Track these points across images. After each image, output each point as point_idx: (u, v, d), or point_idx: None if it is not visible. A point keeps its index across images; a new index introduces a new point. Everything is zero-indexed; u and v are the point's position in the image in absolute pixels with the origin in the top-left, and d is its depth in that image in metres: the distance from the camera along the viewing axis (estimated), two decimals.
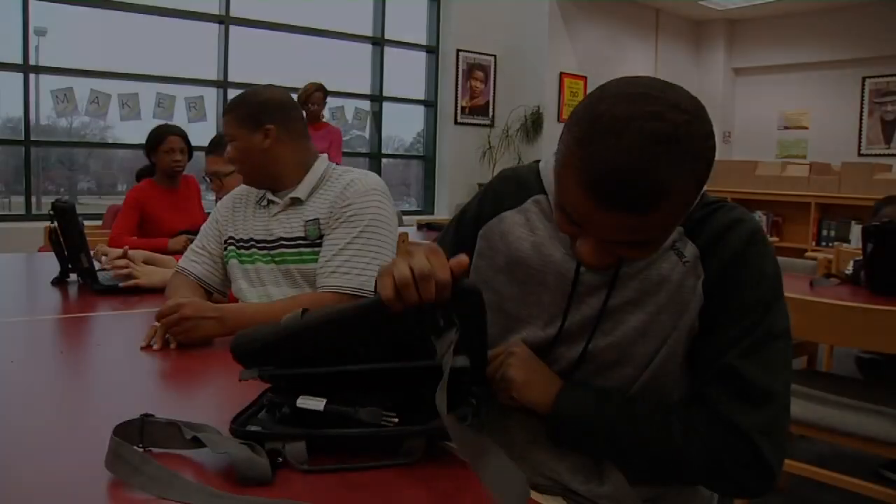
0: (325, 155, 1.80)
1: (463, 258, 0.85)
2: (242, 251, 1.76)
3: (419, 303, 0.82)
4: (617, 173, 0.80)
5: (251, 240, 1.75)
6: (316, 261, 1.64)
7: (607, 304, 1.01)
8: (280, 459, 0.83)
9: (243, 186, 1.85)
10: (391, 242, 1.66)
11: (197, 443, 0.84)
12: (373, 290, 0.88)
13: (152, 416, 0.87)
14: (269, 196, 1.75)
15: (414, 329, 0.87)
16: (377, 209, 1.64)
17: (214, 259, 1.81)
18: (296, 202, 1.71)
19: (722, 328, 0.98)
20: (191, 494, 0.76)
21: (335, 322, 0.89)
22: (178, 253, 2.43)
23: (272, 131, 1.70)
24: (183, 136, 3.55)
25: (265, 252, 1.71)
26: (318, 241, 1.65)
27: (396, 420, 0.87)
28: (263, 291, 1.70)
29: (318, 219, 1.66)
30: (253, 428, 0.88)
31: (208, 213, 2.10)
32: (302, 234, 1.67)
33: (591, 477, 1.04)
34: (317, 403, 0.89)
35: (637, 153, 0.79)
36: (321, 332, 0.90)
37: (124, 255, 2.07)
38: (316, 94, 5.13)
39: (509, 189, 1.13)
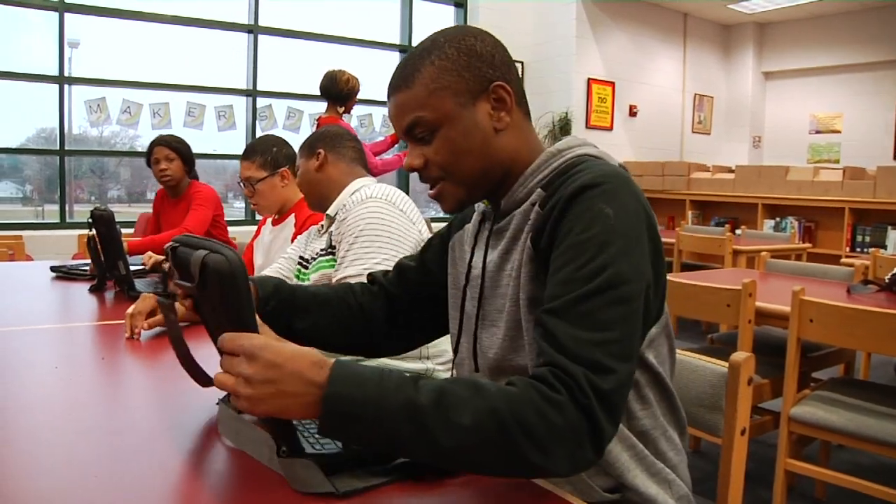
0: None
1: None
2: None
3: None
4: (396, 69, 1.06)
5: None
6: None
7: (485, 267, 1.06)
8: None
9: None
10: None
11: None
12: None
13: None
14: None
15: None
16: None
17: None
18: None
19: (551, 276, 0.90)
20: None
21: None
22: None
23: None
24: (168, 144, 3.26)
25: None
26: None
27: None
28: None
29: None
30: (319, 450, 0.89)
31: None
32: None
33: None
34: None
35: (409, 53, 1.06)
36: None
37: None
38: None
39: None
